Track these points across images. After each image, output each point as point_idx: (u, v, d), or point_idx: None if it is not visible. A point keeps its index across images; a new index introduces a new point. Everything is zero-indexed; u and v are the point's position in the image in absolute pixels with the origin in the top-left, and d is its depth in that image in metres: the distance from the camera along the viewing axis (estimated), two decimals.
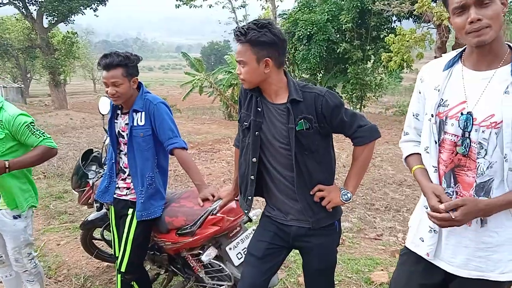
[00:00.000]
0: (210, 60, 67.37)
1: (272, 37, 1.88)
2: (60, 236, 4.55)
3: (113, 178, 2.72)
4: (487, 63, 1.53)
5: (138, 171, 2.61)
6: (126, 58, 2.51)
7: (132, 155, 2.61)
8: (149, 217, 2.61)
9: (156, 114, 2.56)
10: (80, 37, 37.38)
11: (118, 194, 2.72)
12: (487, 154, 1.51)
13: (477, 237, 1.58)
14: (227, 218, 2.48)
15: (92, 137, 12.44)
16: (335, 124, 1.96)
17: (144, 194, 2.60)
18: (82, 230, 3.55)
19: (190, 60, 20.99)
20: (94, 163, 3.34)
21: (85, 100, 38.11)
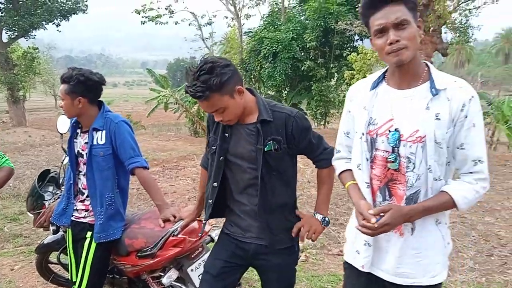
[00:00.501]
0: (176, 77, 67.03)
1: (227, 71, 1.83)
2: (14, 260, 4.33)
3: (71, 200, 2.63)
4: (408, 82, 1.65)
5: (97, 191, 2.54)
6: (70, 76, 2.47)
7: (91, 174, 2.54)
8: (108, 239, 2.53)
9: (117, 133, 2.51)
10: (41, 52, 36.43)
11: (76, 217, 2.62)
12: (415, 167, 1.62)
13: (408, 245, 1.68)
14: (189, 239, 2.44)
15: (52, 155, 12.02)
16: (303, 145, 1.98)
17: (103, 215, 2.53)
18: (37, 254, 3.39)
19: (155, 77, 20.82)
20: (51, 184, 3.22)
21: (45, 117, 36.88)
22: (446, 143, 1.59)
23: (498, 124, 14.86)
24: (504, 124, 14.33)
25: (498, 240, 4.81)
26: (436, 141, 1.57)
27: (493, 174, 8.27)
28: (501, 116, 14.75)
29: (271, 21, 19.67)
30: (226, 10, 23.70)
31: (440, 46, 11.37)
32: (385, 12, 1.56)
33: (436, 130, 1.57)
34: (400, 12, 1.55)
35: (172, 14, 23.40)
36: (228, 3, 23.19)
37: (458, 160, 1.64)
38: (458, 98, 1.57)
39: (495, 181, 7.61)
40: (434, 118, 1.57)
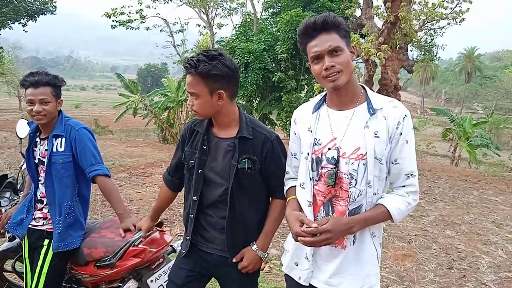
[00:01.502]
0: (146, 82, 66.31)
1: (224, 69, 1.87)
2: None
3: (30, 211, 2.57)
4: (346, 103, 1.76)
5: (56, 199, 2.48)
6: (55, 78, 2.50)
7: (50, 182, 2.49)
8: (67, 249, 2.48)
9: (78, 140, 2.47)
10: (6, 52, 35.30)
11: (33, 225, 2.56)
12: (357, 183, 1.70)
13: (349, 257, 1.76)
14: (149, 249, 2.41)
15: (14, 158, 11.60)
16: (270, 170, 2.00)
17: (62, 224, 2.47)
18: None
19: (124, 82, 20.47)
20: (8, 190, 3.12)
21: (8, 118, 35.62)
22: (385, 158, 1.69)
23: (460, 141, 15.41)
24: (465, 141, 14.89)
25: (458, 253, 4.97)
26: (377, 157, 1.67)
27: (454, 188, 8.57)
28: (462, 133, 15.32)
29: (243, 32, 19.77)
30: (199, 18, 23.72)
31: (406, 63, 11.74)
32: (319, 40, 1.68)
33: (376, 147, 1.67)
34: (333, 40, 1.67)
35: (143, 20, 23.20)
36: (200, 11, 23.22)
37: (393, 174, 1.75)
38: (393, 116, 1.68)
39: (456, 196, 7.89)
40: (373, 136, 1.68)
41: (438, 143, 23.20)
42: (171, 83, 20.64)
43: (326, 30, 1.67)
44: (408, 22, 10.14)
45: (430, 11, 10.38)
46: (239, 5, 23.75)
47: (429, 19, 10.65)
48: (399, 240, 5.29)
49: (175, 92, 19.95)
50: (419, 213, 6.47)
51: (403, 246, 5.12)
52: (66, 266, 2.57)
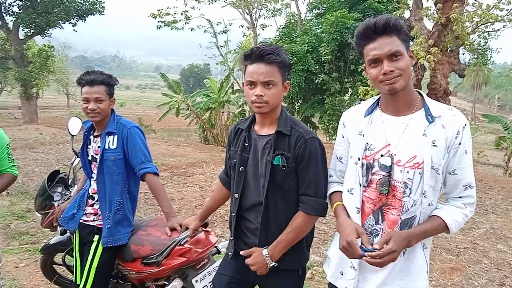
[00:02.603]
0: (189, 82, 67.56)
1: (290, 63, 1.94)
2: (19, 258, 4.38)
3: (82, 207, 2.68)
4: (402, 109, 1.71)
5: (107, 195, 2.58)
6: (109, 77, 2.61)
7: (101, 178, 2.59)
8: (115, 244, 2.56)
9: (129, 138, 2.56)
10: (56, 51, 36.97)
11: (84, 220, 2.67)
12: (411, 193, 1.66)
13: (397, 268, 1.71)
14: (195, 249, 2.45)
15: (62, 153, 12.14)
16: (299, 173, 1.92)
17: (111, 220, 2.56)
18: (42, 254, 3.43)
19: (168, 82, 20.96)
20: (60, 185, 3.26)
21: (57, 115, 37.34)
22: (442, 169, 1.64)
23: None
24: None
25: (511, 269, 4.74)
26: (433, 167, 1.63)
27: (508, 200, 8.18)
28: None
29: (287, 33, 19.78)
30: (242, 19, 23.92)
31: (457, 66, 11.32)
32: (379, 43, 1.63)
33: (433, 156, 1.62)
34: (393, 43, 1.62)
35: (188, 20, 23.65)
36: (244, 12, 23.40)
37: (449, 185, 1.70)
38: (452, 125, 1.63)
39: (509, 208, 7.53)
40: (431, 145, 1.63)
41: (490, 151, 22.21)
42: (213, 84, 20.91)
43: (386, 33, 1.63)
44: (460, 24, 9.77)
45: (484, 12, 9.96)
46: (283, 6, 23.74)
47: (483, 21, 10.22)
48: (447, 253, 5.11)
49: (217, 93, 20.21)
50: (469, 225, 6.22)
51: (451, 259, 4.94)
52: (114, 262, 2.66)
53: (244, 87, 1.95)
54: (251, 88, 1.90)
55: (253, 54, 1.89)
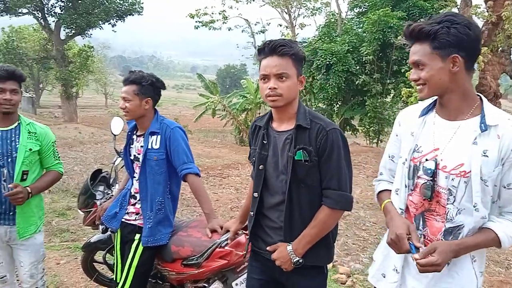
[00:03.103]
0: (225, 83, 68.13)
1: (304, 56, 1.98)
2: (60, 255, 4.56)
3: (124, 206, 2.76)
4: (455, 114, 1.67)
5: (148, 195, 2.64)
6: (141, 77, 2.64)
7: (143, 178, 2.66)
8: (155, 244, 2.62)
9: (172, 138, 2.61)
10: (96, 51, 38.22)
11: (126, 219, 2.74)
12: (455, 200, 1.62)
13: (441, 278, 1.67)
14: (235, 252, 2.47)
15: (100, 153, 12.53)
16: (321, 166, 1.89)
17: (152, 219, 2.62)
18: (83, 252, 3.55)
19: (205, 82, 21.29)
20: (102, 184, 3.36)
21: (95, 115, 38.58)
22: (492, 181, 1.58)
23: None
24: None
25: None
26: (482, 178, 1.57)
27: None
28: None
29: (327, 32, 19.62)
30: (281, 19, 23.96)
31: (509, 67, 10.89)
32: (414, 48, 1.69)
33: (483, 167, 1.57)
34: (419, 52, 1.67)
35: (225, 20, 23.94)
36: (283, 11, 23.44)
37: (504, 199, 1.64)
38: (509, 136, 1.57)
39: None
40: (481, 154, 1.58)
41: None
42: (250, 84, 21.04)
43: (419, 40, 1.67)
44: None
45: None
46: (323, 5, 23.62)
47: None
48: (495, 265, 4.92)
49: (254, 93, 20.32)
50: None
51: (500, 271, 4.76)
52: (154, 262, 2.72)
53: (259, 83, 1.96)
54: (265, 82, 1.91)
55: (266, 48, 1.91)
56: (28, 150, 2.68)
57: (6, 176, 2.64)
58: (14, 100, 2.63)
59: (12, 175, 2.65)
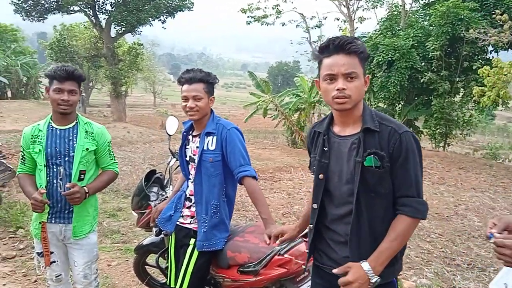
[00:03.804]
0: (277, 81, 68.29)
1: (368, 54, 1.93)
2: (111, 256, 4.74)
3: (179, 208, 2.83)
4: None
5: (203, 197, 2.69)
6: (208, 75, 2.72)
7: (199, 180, 2.71)
8: (210, 249, 2.67)
9: (228, 140, 2.65)
10: (145, 48, 39.48)
11: (180, 222, 2.81)
12: None
13: None
14: (295, 261, 2.47)
15: (148, 153, 12.92)
16: (396, 172, 1.83)
17: (208, 223, 2.67)
18: (136, 254, 3.68)
19: (256, 80, 21.40)
20: (156, 185, 3.47)
21: (143, 114, 39.83)
22: None
23: None
24: None
25: None
26: None
27: None
28: None
29: (389, 26, 19.18)
30: (338, 12, 23.67)
31: None
32: None
33: None
34: None
35: (279, 15, 23.98)
36: (341, 4, 23.14)
37: None
38: None
39: None
40: None
41: None
42: (304, 82, 20.92)
43: None
44: None
45: None
46: None
47: None
48: None
49: (308, 92, 20.18)
50: None
51: None
52: (209, 267, 2.77)
53: (321, 84, 1.91)
54: (330, 82, 1.86)
55: (331, 45, 1.86)
56: (85, 149, 2.81)
57: (63, 175, 2.78)
58: (72, 100, 2.76)
59: (69, 174, 2.79)
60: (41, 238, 2.86)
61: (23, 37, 42.56)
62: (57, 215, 2.85)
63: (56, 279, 3.00)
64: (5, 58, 36.37)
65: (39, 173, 2.80)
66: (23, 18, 27.71)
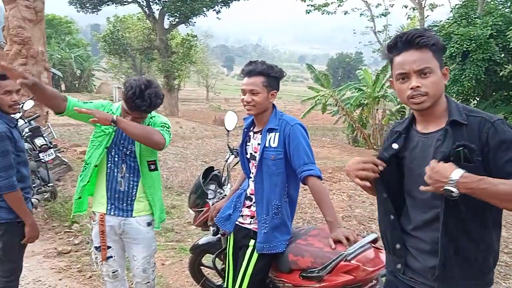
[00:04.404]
0: (337, 74, 67.59)
1: (443, 46, 1.88)
2: (165, 255, 4.88)
3: (238, 207, 2.86)
4: None
5: (264, 197, 2.70)
6: (270, 68, 2.70)
7: (259, 178, 2.72)
8: (271, 251, 2.68)
9: (292, 136, 2.64)
10: (198, 40, 40.21)
11: (240, 222, 2.84)
12: None
13: None
14: (363, 267, 2.43)
15: (201, 149, 13.19)
16: (499, 164, 1.71)
17: (268, 224, 2.68)
18: (191, 254, 3.76)
19: (315, 73, 21.24)
20: (213, 183, 3.53)
21: (196, 109, 40.64)
22: None
23: None
24: None
25: None
26: None
27: None
28: None
29: (464, 14, 18.42)
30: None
31: None
32: None
33: None
34: None
35: (341, 3, 23.67)
36: None
37: None
38: None
39: None
40: None
41: None
42: (367, 75, 20.59)
43: None
44: None
45: None
46: None
47: None
48: None
49: (372, 86, 19.85)
50: None
51: None
52: (269, 270, 2.79)
53: (395, 84, 1.88)
54: (403, 82, 1.82)
55: (399, 42, 1.82)
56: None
57: (124, 173, 2.96)
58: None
59: (137, 168, 2.97)
60: (98, 232, 3.01)
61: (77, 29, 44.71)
62: (116, 205, 2.99)
63: (112, 275, 3.13)
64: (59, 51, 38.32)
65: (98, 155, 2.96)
66: (77, 9, 29.03)
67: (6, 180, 2.82)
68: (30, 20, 10.02)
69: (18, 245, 3.04)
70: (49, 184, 6.42)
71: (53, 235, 5.60)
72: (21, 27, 9.89)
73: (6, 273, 3.06)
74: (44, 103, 2.80)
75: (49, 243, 5.31)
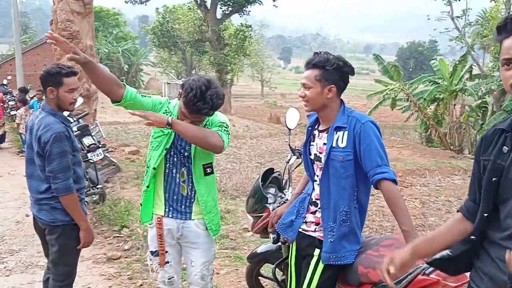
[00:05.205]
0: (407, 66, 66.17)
1: None
2: (219, 263, 4.95)
3: (302, 213, 2.84)
4: None
5: (331, 203, 2.67)
6: (326, 60, 2.62)
7: (325, 181, 2.69)
8: (338, 262, 2.65)
9: (363, 136, 2.58)
10: (253, 30, 40.46)
11: (303, 229, 2.82)
12: None
13: None
14: (444, 282, 2.37)
15: (256, 149, 13.28)
16: None
17: (336, 232, 2.65)
18: (249, 263, 3.80)
19: (383, 65, 20.88)
20: (273, 186, 3.54)
21: (250, 105, 40.83)
22: None
23: None
24: None
25: None
26: None
27: None
28: None
29: None
30: None
31: None
32: None
33: None
34: None
35: None
36: None
37: None
38: None
39: None
40: None
41: None
42: (444, 66, 20.02)
43: None
44: None
45: None
46: None
47: None
48: None
49: (449, 79, 19.31)
50: None
51: None
52: (335, 283, 2.77)
53: (500, 70, 1.79)
54: (508, 68, 1.72)
55: (508, 24, 1.72)
56: None
57: (186, 177, 3.04)
58: None
59: (192, 172, 3.02)
60: (156, 235, 3.10)
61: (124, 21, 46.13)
62: (174, 207, 3.08)
63: (168, 281, 3.22)
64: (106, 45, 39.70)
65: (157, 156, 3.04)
66: (125, 0, 29.96)
67: (64, 182, 2.95)
68: (78, 13, 10.46)
69: (74, 248, 3.18)
70: (98, 186, 6.67)
71: (102, 239, 5.80)
72: (69, 21, 10.33)
73: (60, 276, 3.21)
74: (98, 86, 2.85)
75: (98, 248, 5.51)
